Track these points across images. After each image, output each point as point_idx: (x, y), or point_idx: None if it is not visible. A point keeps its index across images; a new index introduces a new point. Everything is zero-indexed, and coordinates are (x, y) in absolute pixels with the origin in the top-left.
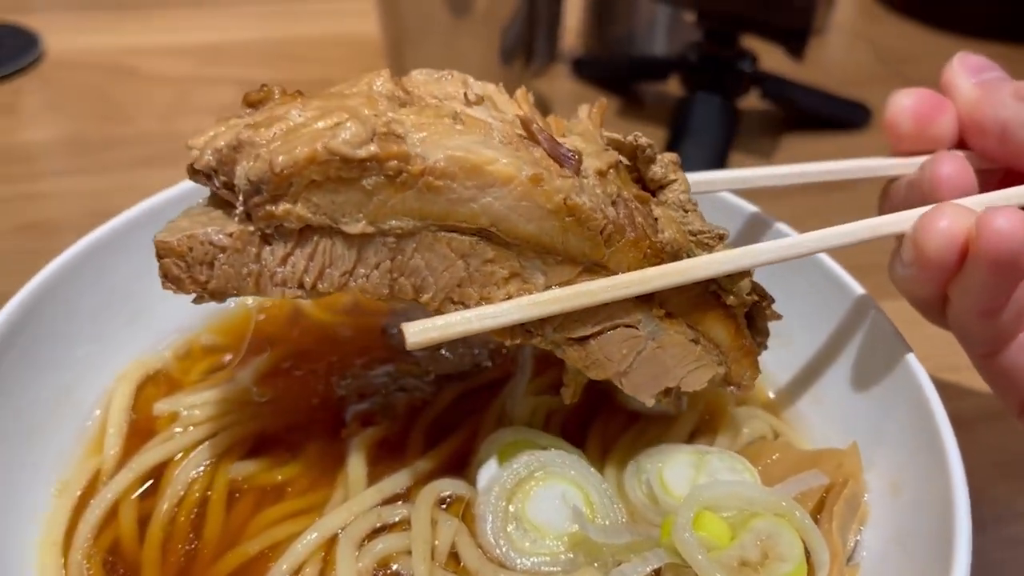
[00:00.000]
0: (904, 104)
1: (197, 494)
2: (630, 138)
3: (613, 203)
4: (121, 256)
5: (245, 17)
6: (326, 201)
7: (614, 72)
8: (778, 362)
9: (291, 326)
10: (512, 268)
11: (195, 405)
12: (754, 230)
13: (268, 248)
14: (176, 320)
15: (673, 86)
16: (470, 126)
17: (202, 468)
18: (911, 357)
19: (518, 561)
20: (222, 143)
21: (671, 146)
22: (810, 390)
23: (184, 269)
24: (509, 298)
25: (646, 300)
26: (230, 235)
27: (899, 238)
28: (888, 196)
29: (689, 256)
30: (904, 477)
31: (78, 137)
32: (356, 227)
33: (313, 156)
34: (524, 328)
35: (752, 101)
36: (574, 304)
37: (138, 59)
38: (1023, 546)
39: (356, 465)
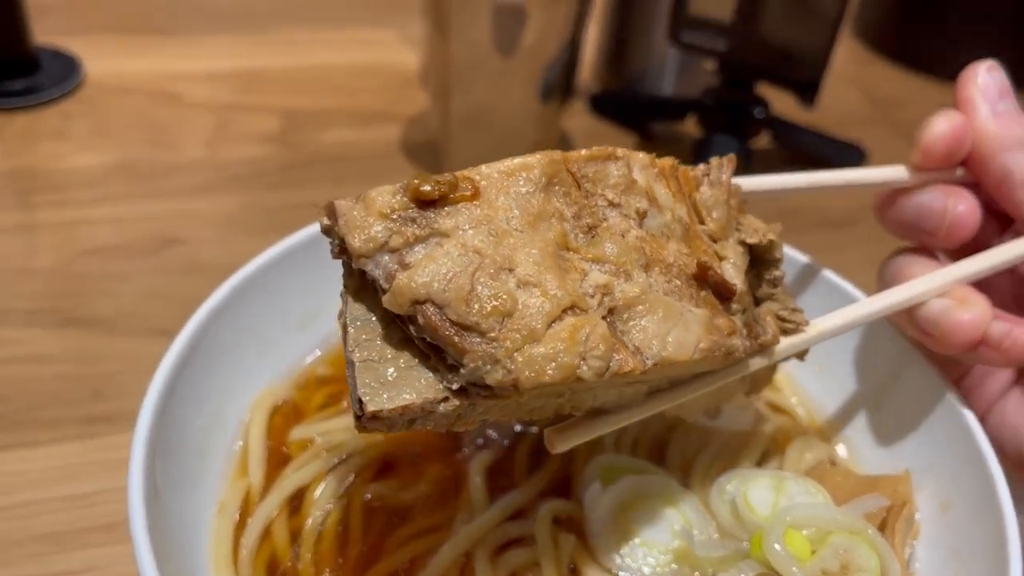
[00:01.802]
0: (942, 131)
1: (337, 513)
2: (765, 239)
3: (746, 327)
4: (255, 297)
5: (278, 44)
6: (543, 395)
7: (630, 110)
8: (825, 394)
9: None
10: (651, 387)
11: (326, 432)
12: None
13: (471, 407)
14: (296, 353)
15: (688, 126)
16: (657, 275)
17: (340, 489)
18: (949, 390)
19: (632, 572)
20: (425, 295)
21: None
22: (861, 421)
23: (386, 426)
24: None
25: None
26: (444, 402)
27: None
28: (895, 205)
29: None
30: (952, 497)
31: (128, 163)
32: (558, 400)
33: (563, 380)
34: None
35: (763, 142)
36: (687, 398)
37: (179, 85)
38: None
39: (476, 487)
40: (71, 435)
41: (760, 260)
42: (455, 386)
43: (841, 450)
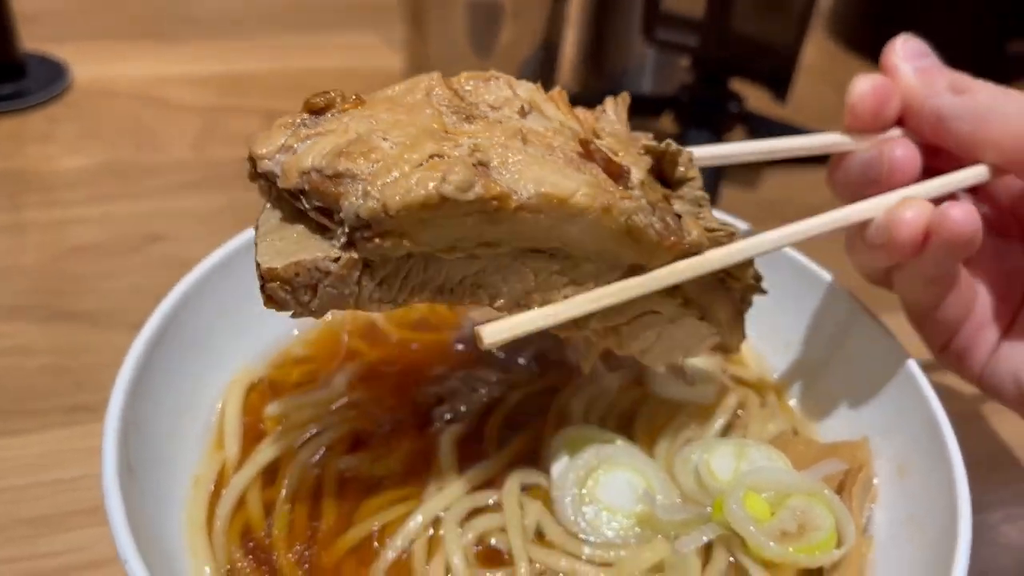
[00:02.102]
0: (864, 90)
1: (310, 484)
2: (663, 145)
3: (654, 211)
4: (228, 280)
5: (262, 49)
6: (429, 235)
7: None
8: (787, 367)
9: (370, 341)
10: (571, 276)
11: (300, 407)
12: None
13: (368, 273)
14: (272, 334)
15: (665, 123)
16: (537, 145)
17: (313, 461)
18: (908, 358)
19: (595, 535)
20: (310, 163)
21: None
22: (821, 392)
23: (289, 292)
24: (566, 299)
25: (670, 290)
26: (336, 260)
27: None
28: (841, 166)
29: (706, 251)
30: (908, 462)
31: (115, 164)
32: (452, 254)
33: (427, 201)
34: (574, 323)
35: (737, 137)
36: (618, 299)
37: (165, 89)
38: (1008, 526)
39: (447, 458)
40: (55, 423)
41: (673, 180)
42: (342, 239)
43: (803, 421)
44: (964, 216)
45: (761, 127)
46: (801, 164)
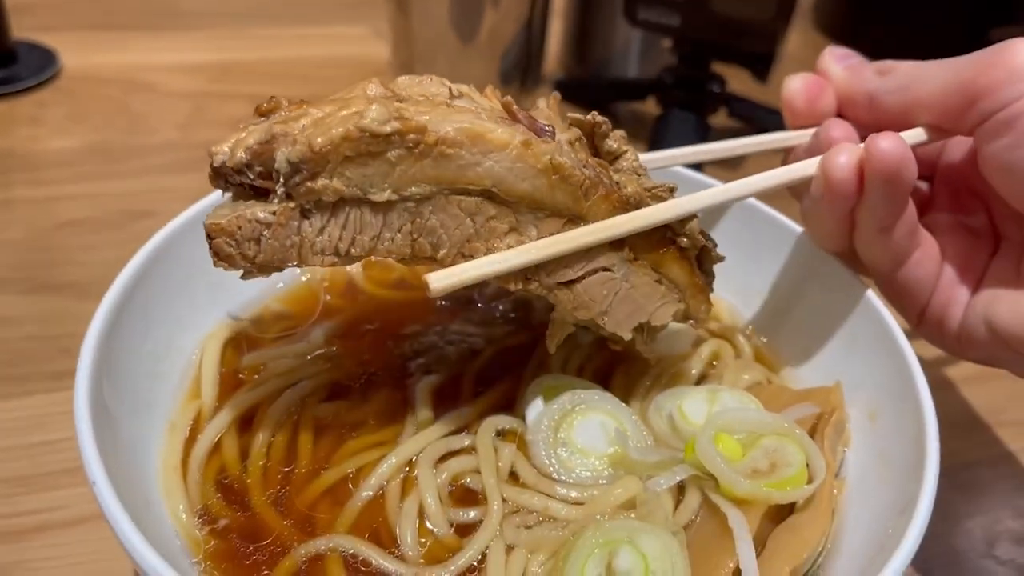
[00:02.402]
0: (796, 87)
1: (287, 430)
2: (588, 117)
3: (584, 166)
4: (201, 237)
5: (252, 40)
6: (357, 174)
7: (594, 94)
8: (761, 318)
9: (350, 299)
10: (510, 223)
11: (278, 357)
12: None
13: (307, 222)
14: (249, 291)
15: (650, 106)
16: (461, 111)
17: (290, 408)
18: (880, 308)
19: (568, 476)
20: (252, 141)
21: None
22: (797, 344)
23: (235, 247)
24: (509, 248)
25: (618, 247)
26: (273, 213)
27: (807, 186)
28: (790, 160)
29: (647, 206)
30: (879, 408)
31: (103, 146)
32: (382, 196)
33: (347, 135)
34: (524, 275)
35: (720, 118)
36: (561, 249)
37: (153, 75)
38: (971, 489)
39: (422, 405)
40: (39, 389)
41: (605, 153)
42: (280, 191)
43: (778, 370)
44: (891, 143)
45: (742, 109)
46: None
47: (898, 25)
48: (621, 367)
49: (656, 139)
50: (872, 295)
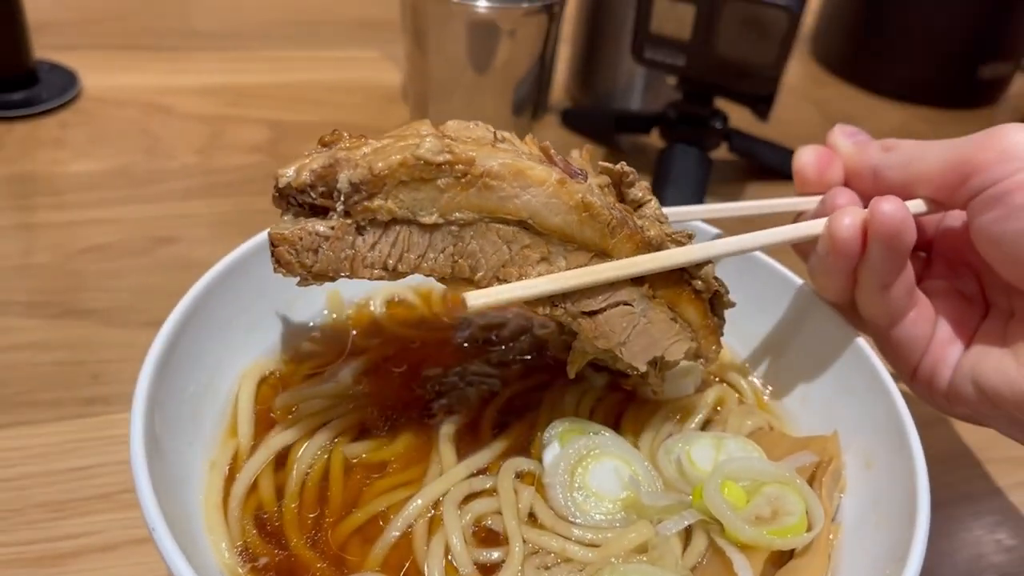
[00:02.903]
0: (808, 158)
1: (319, 468)
2: (617, 167)
3: (612, 208)
4: (241, 280)
5: (265, 62)
6: (409, 197)
7: (600, 124)
8: (767, 367)
9: (374, 338)
10: (542, 253)
11: (309, 398)
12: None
13: (361, 237)
14: (283, 331)
15: (653, 138)
16: (504, 151)
17: (321, 448)
18: (874, 358)
19: (583, 519)
20: (316, 165)
21: (655, 190)
22: (797, 391)
23: (295, 255)
24: (540, 276)
25: (638, 283)
26: (332, 227)
27: (813, 244)
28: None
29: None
30: (875, 455)
31: (124, 169)
32: (430, 218)
33: (404, 161)
34: (551, 301)
35: (722, 152)
36: (587, 280)
37: (170, 98)
38: (966, 520)
39: (445, 446)
40: (70, 415)
41: (631, 200)
42: (339, 209)
43: (779, 417)
44: (893, 207)
45: (744, 144)
46: (780, 178)
47: (892, 59)
48: (631, 411)
49: (660, 172)
50: (866, 346)
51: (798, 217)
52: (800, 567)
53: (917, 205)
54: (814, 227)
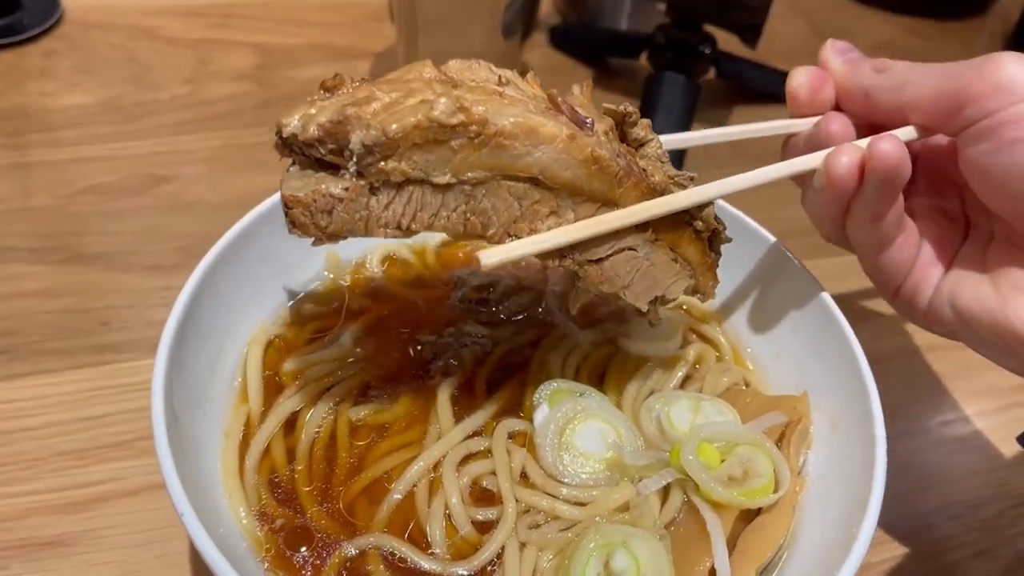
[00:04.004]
0: (801, 79)
1: (326, 431)
2: (620, 108)
3: (618, 155)
4: (245, 249)
5: None
6: (422, 159)
7: (588, 46)
8: (743, 322)
9: (372, 298)
10: (551, 207)
11: (314, 363)
12: None
13: (375, 198)
14: (284, 295)
15: (642, 61)
16: (513, 102)
17: (327, 411)
18: (847, 328)
19: (571, 478)
20: (323, 119)
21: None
22: (771, 347)
23: (309, 217)
24: (550, 230)
25: (642, 228)
26: (346, 188)
27: (809, 175)
28: (789, 147)
29: (671, 193)
30: (839, 416)
31: (115, 102)
32: (443, 178)
33: (418, 123)
34: (560, 253)
35: (710, 76)
36: (596, 231)
37: (156, 20)
38: (923, 453)
39: (444, 406)
40: (83, 363)
41: (632, 140)
42: (352, 170)
43: (754, 373)
44: (891, 147)
45: (732, 68)
46: (768, 102)
47: None
48: (614, 367)
49: (649, 101)
50: (836, 309)
51: (790, 139)
52: (767, 523)
53: (909, 132)
54: (812, 161)
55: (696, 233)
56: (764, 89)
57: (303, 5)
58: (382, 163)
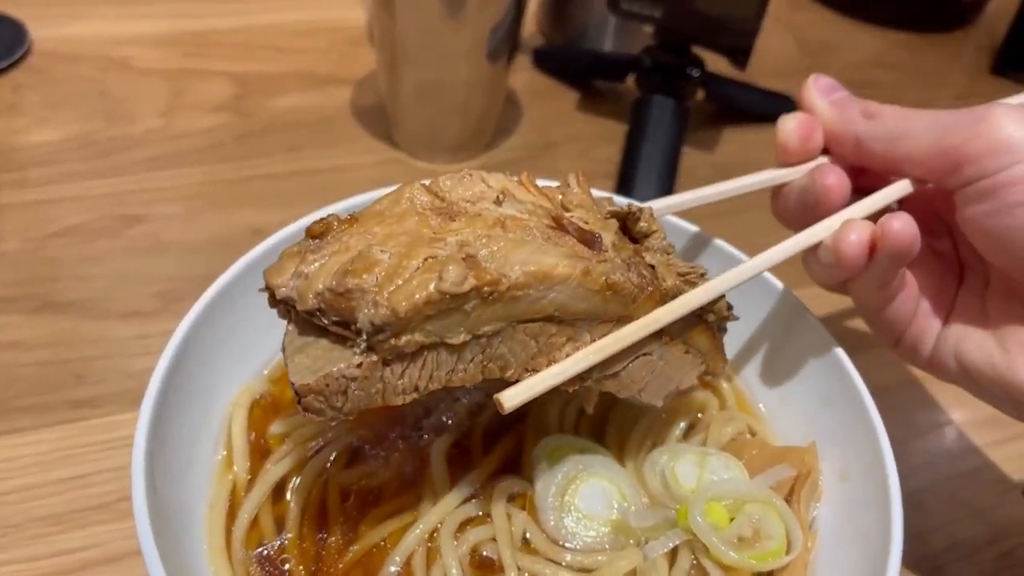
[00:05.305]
0: (791, 128)
1: (316, 499)
2: (624, 207)
3: (628, 267)
4: (228, 309)
5: (222, 3)
6: (436, 326)
7: (573, 68)
8: (749, 369)
9: None
10: (568, 335)
11: (301, 425)
12: (699, 246)
13: (388, 369)
14: (269, 351)
15: (628, 84)
16: (515, 229)
17: (316, 477)
18: (854, 372)
19: (574, 542)
20: (321, 286)
21: (630, 146)
22: (776, 393)
23: (324, 401)
24: (568, 356)
25: (657, 334)
26: (359, 367)
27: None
28: (780, 197)
29: (683, 293)
30: (850, 469)
31: (87, 138)
32: (458, 338)
33: (429, 299)
34: (579, 376)
35: (697, 98)
36: (614, 349)
37: (127, 50)
38: (929, 491)
39: (439, 467)
40: (59, 419)
41: (638, 234)
42: (362, 346)
43: (759, 419)
44: (903, 226)
45: (720, 89)
46: (757, 123)
47: None
48: (614, 419)
49: (637, 127)
50: (846, 359)
51: (782, 189)
52: None
53: (904, 186)
54: (818, 233)
55: (707, 324)
56: (755, 110)
57: (279, 31)
58: (395, 339)
